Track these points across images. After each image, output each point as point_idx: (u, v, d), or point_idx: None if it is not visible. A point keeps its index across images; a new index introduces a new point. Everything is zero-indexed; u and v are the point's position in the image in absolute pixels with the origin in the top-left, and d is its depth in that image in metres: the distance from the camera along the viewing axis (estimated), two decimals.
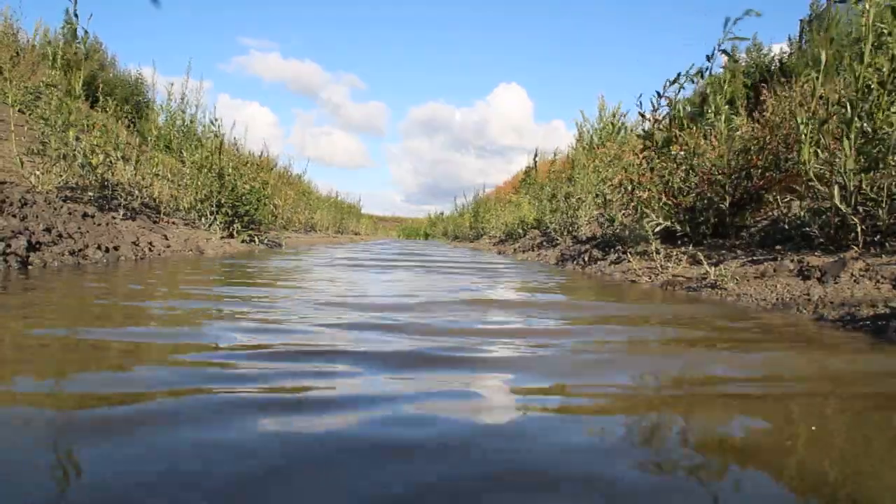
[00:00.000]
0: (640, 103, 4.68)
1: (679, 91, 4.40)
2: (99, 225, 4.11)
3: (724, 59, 4.33)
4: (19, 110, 6.68)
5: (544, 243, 8.12)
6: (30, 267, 2.85)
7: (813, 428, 0.90)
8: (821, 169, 3.10)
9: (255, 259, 4.65)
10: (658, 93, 4.49)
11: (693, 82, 4.36)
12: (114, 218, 4.75)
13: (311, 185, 18.88)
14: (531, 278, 3.93)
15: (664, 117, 4.57)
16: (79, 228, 3.69)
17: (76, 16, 4.96)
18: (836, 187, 2.95)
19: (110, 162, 5.40)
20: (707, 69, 4.27)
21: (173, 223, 6.19)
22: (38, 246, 3.11)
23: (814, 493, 0.69)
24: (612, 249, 4.95)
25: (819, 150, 3.15)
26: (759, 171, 4.05)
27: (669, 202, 4.38)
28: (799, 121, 3.14)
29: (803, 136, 3.12)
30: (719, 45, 4.15)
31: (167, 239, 5.14)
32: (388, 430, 0.84)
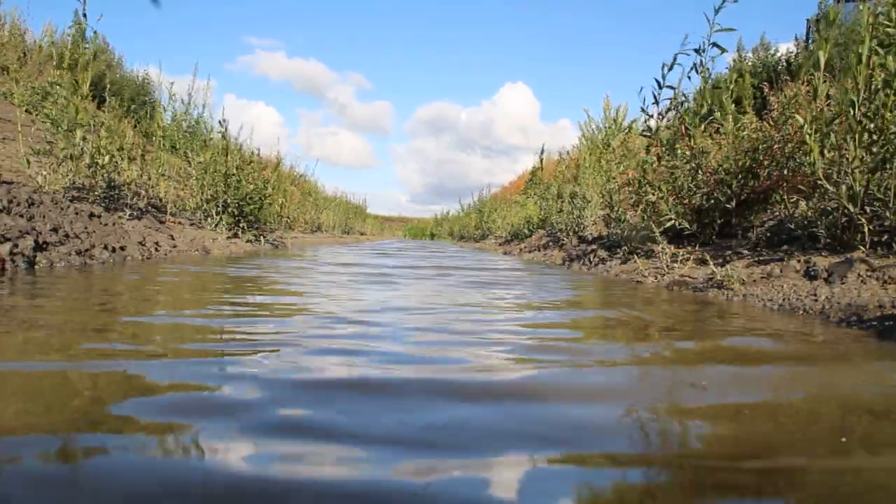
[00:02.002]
0: (644, 99, 4.66)
1: (680, 80, 4.38)
2: (105, 225, 4.13)
3: (731, 56, 4.33)
4: (26, 110, 6.72)
5: (550, 243, 8.11)
6: (36, 267, 2.86)
7: None
8: (828, 169, 3.08)
9: (254, 264, 4.64)
10: (658, 81, 4.46)
11: (689, 78, 4.34)
12: (120, 218, 4.77)
13: (318, 185, 18.93)
14: (544, 287, 3.91)
15: (667, 111, 4.54)
16: (85, 228, 3.71)
17: (84, 16, 4.98)
18: (843, 187, 2.93)
19: (116, 162, 5.42)
20: (700, 63, 4.25)
21: (179, 223, 6.21)
22: (45, 246, 3.12)
23: None
24: (619, 249, 4.93)
25: (826, 150, 3.13)
26: (766, 170, 4.03)
27: (677, 202, 4.36)
28: (804, 121, 3.12)
29: (807, 135, 3.10)
30: (709, 38, 4.14)
31: (173, 239, 5.16)
32: None
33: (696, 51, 4.20)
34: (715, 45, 4.14)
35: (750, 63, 10.13)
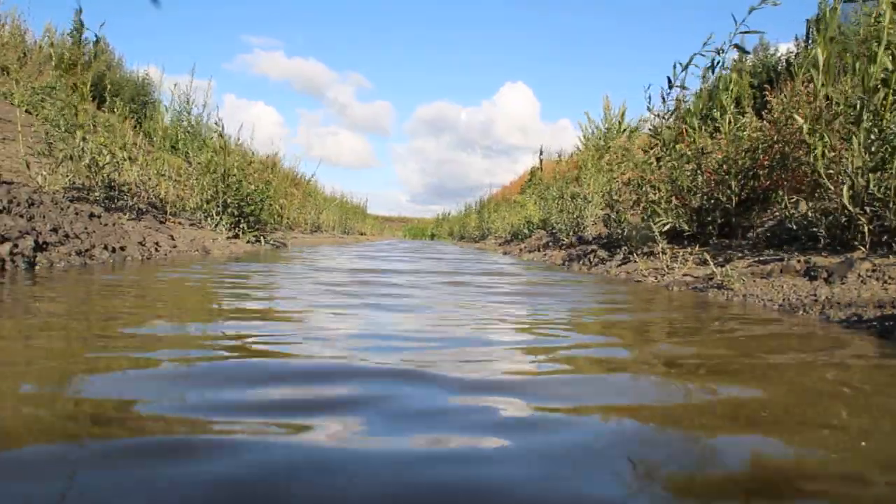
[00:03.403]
0: (650, 97, 4.64)
1: (685, 79, 4.38)
2: (105, 225, 4.13)
3: (733, 56, 4.32)
4: (26, 110, 6.72)
5: (550, 243, 8.11)
6: (36, 267, 2.86)
7: None
8: (828, 168, 3.08)
9: (249, 272, 4.62)
10: (669, 79, 4.45)
11: (703, 78, 4.34)
12: (120, 218, 4.77)
13: (318, 185, 18.94)
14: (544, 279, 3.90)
15: (672, 112, 4.54)
16: (85, 229, 3.71)
17: (82, 20, 4.99)
18: (844, 187, 2.93)
19: (116, 162, 5.42)
20: (719, 63, 4.24)
21: (179, 223, 6.21)
22: (44, 246, 3.12)
23: None
24: (619, 249, 4.93)
25: (826, 150, 3.13)
26: (766, 170, 4.03)
27: (677, 202, 4.36)
28: (803, 121, 3.13)
29: (807, 136, 3.10)
30: (731, 38, 4.11)
31: (173, 239, 5.16)
32: None
33: (717, 51, 4.17)
34: (737, 46, 4.13)
35: (750, 63, 10.12)
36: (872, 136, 2.86)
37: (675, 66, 4.38)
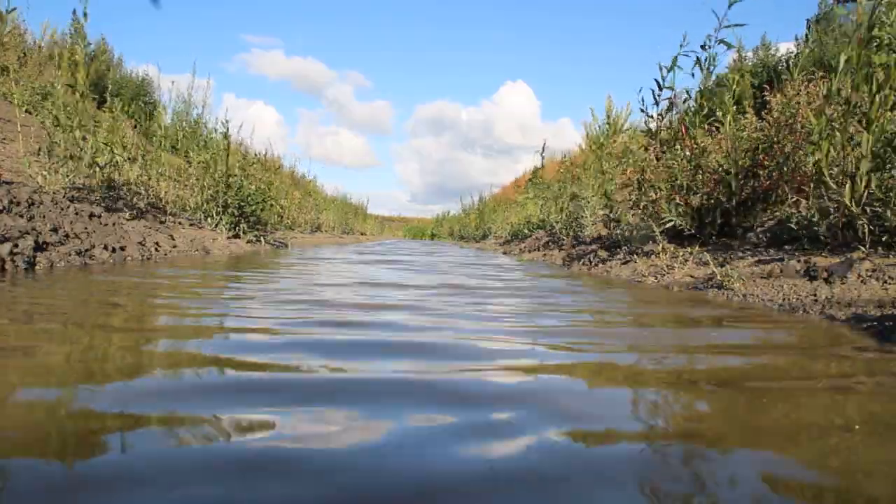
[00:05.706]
0: (642, 99, 4.67)
1: (674, 77, 4.38)
2: (105, 225, 4.13)
3: (731, 56, 4.33)
4: (26, 111, 6.72)
5: (550, 243, 8.10)
6: (36, 267, 2.86)
7: None
8: (830, 168, 3.08)
9: (247, 272, 4.60)
10: (657, 82, 4.46)
11: (692, 76, 4.35)
12: (120, 218, 4.77)
13: (318, 185, 18.94)
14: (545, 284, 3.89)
15: (666, 111, 4.54)
16: (85, 228, 3.71)
17: (85, 15, 4.97)
18: (846, 187, 2.92)
19: (116, 162, 5.42)
20: (705, 59, 4.25)
21: (179, 223, 6.21)
22: (45, 246, 3.12)
23: None
24: (619, 249, 4.93)
25: (832, 150, 3.13)
26: (767, 170, 4.03)
27: (679, 202, 4.36)
28: (814, 121, 3.12)
29: (816, 135, 3.10)
30: (716, 34, 4.12)
31: (173, 239, 5.16)
32: None
33: (703, 47, 4.19)
34: (722, 41, 4.13)
35: (750, 63, 10.13)
36: (875, 136, 2.86)
37: (660, 68, 4.40)
